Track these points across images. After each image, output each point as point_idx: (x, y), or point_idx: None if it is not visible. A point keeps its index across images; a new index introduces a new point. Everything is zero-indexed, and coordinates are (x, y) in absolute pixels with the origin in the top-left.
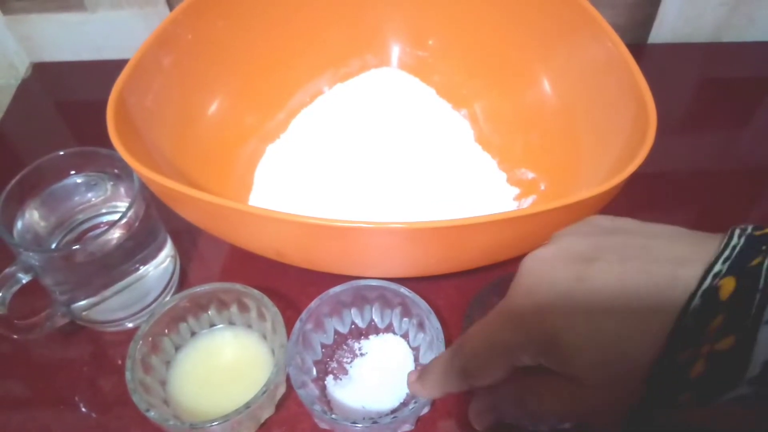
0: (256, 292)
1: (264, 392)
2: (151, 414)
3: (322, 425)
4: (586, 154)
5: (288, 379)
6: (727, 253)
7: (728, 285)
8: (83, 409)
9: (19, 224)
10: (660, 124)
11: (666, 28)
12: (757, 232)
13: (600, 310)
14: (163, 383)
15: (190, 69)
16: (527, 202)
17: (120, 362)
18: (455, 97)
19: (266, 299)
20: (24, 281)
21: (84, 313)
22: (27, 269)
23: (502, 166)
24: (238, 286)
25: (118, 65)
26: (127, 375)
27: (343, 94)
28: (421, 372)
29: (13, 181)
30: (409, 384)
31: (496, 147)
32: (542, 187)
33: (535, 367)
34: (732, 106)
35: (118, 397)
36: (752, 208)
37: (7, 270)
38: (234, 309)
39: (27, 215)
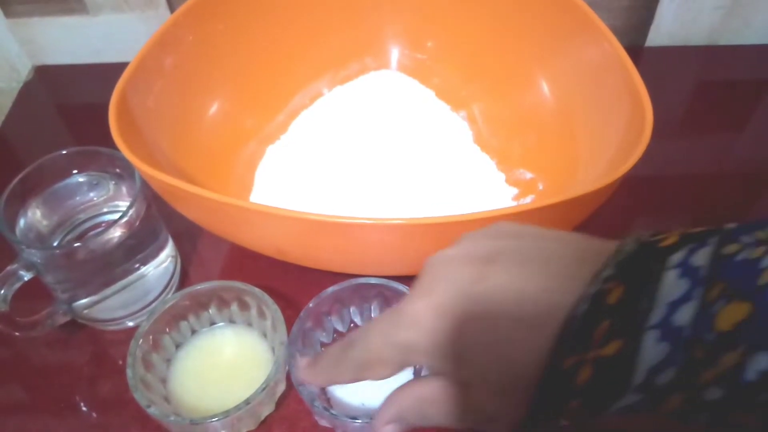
0: (256, 290)
1: (264, 389)
2: (152, 410)
3: (322, 422)
4: (584, 154)
5: (288, 377)
6: (619, 258)
7: (617, 289)
8: (83, 409)
9: (21, 222)
10: (656, 127)
11: (662, 32)
12: (651, 239)
13: (495, 311)
14: (164, 381)
15: (191, 70)
16: (525, 202)
17: (120, 362)
18: (454, 99)
19: (267, 297)
20: (26, 279)
21: (85, 312)
22: (29, 267)
23: (501, 167)
24: (239, 284)
25: (119, 68)
26: (128, 372)
27: (342, 96)
28: (313, 359)
29: (16, 180)
30: (300, 369)
31: (495, 148)
32: (540, 187)
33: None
34: (728, 109)
35: (118, 396)
36: (748, 211)
37: (9, 267)
38: (234, 307)
39: (29, 214)
